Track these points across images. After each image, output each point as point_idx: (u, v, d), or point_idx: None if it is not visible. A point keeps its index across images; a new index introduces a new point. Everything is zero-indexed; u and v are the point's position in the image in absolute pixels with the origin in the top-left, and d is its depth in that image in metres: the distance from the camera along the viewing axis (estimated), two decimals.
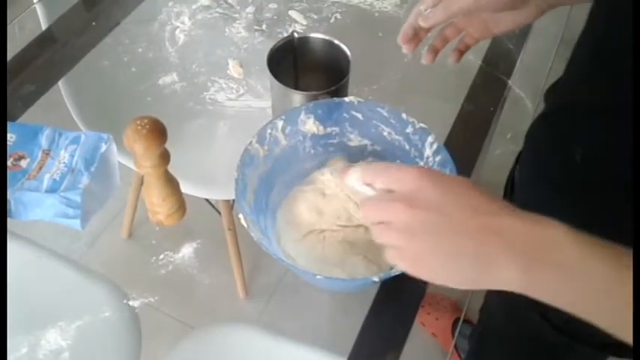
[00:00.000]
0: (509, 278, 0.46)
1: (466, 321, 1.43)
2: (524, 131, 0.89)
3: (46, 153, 0.77)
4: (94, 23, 1.08)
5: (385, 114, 0.77)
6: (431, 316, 1.45)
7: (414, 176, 0.49)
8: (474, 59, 1.03)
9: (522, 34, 1.06)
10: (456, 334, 1.36)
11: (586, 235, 0.45)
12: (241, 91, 1.07)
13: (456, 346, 1.38)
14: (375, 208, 0.52)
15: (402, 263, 0.50)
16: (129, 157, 0.90)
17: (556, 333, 0.75)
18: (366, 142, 0.80)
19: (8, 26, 1.12)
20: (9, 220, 0.75)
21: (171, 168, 0.73)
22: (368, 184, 0.54)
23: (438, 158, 0.74)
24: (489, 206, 0.48)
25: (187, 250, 0.88)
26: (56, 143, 0.78)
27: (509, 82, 0.99)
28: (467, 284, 0.48)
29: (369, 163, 0.54)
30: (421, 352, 0.69)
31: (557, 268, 0.45)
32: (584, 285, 0.45)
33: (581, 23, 0.65)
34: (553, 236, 0.45)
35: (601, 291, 0.44)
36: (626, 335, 0.44)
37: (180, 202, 0.76)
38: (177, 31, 1.14)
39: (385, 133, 0.78)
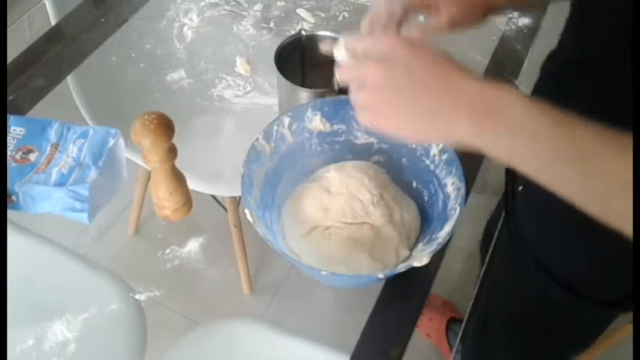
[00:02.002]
0: (462, 130, 0.51)
1: (458, 320, 1.44)
2: None
3: (55, 147, 0.78)
4: (102, 19, 1.09)
5: None
6: (424, 317, 1.45)
7: (389, 39, 0.55)
8: (481, 59, 1.03)
9: (530, 34, 1.06)
10: (459, 335, 1.36)
11: (538, 101, 0.49)
12: (248, 88, 1.08)
13: (451, 346, 1.39)
14: (350, 69, 0.58)
15: (367, 117, 0.56)
16: (136, 153, 0.90)
17: (560, 290, 0.76)
18: (372, 140, 0.81)
19: (17, 22, 1.13)
20: (17, 214, 0.76)
21: (178, 164, 0.73)
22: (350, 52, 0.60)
23: (444, 157, 0.74)
24: (454, 71, 0.53)
25: (193, 246, 0.88)
26: (64, 137, 0.79)
27: (517, 82, 0.99)
28: (421, 135, 0.55)
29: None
30: (415, 353, 0.70)
31: (506, 121, 0.49)
32: (533, 139, 0.48)
33: None
34: (505, 96, 0.50)
35: (549, 146, 0.48)
36: (581, 197, 0.47)
37: (186, 198, 0.77)
38: (185, 28, 1.15)
39: None
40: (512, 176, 0.84)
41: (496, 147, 0.50)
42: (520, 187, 0.80)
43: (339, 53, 0.62)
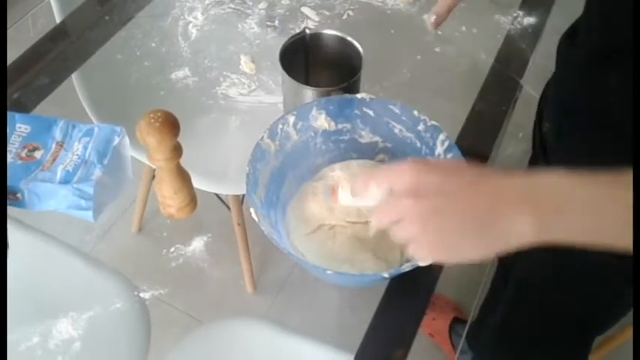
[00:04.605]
0: (522, 229, 0.48)
1: (462, 320, 1.43)
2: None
3: (60, 145, 0.78)
4: (107, 17, 1.09)
5: (397, 111, 0.77)
6: (428, 317, 1.45)
7: (409, 170, 0.52)
8: (486, 58, 1.03)
9: (535, 33, 1.06)
10: (463, 335, 1.36)
11: (578, 172, 0.48)
12: (253, 87, 1.08)
13: (454, 346, 1.39)
14: (384, 211, 0.54)
15: (422, 252, 0.53)
16: (141, 151, 0.90)
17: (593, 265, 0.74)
18: (377, 138, 0.81)
19: (22, 20, 1.14)
20: (22, 211, 0.76)
21: (182, 162, 0.73)
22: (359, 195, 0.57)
23: (449, 156, 0.74)
24: (483, 174, 0.51)
25: (197, 244, 0.89)
26: (70, 135, 0.79)
27: (521, 81, 0.99)
28: (486, 250, 0.50)
29: (352, 178, 0.58)
30: (419, 352, 0.70)
31: (560, 204, 0.47)
32: (599, 214, 0.47)
33: None
34: (549, 180, 0.48)
35: (605, 210, 0.47)
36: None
37: (191, 196, 0.77)
38: (190, 26, 1.15)
39: (396, 130, 0.79)
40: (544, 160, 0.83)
41: (565, 234, 0.48)
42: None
43: (346, 199, 0.59)
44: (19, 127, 0.79)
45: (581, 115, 0.76)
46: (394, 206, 0.53)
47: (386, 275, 0.66)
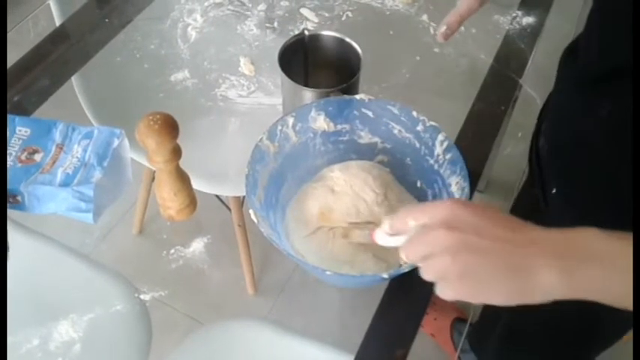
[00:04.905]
0: (551, 283, 0.47)
1: (463, 320, 1.43)
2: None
3: (60, 147, 0.78)
4: (107, 20, 1.09)
5: (396, 112, 0.78)
6: (429, 316, 1.45)
7: (447, 205, 0.51)
8: (485, 58, 1.03)
9: (534, 33, 1.06)
10: (464, 335, 1.36)
11: (613, 232, 0.47)
12: (252, 88, 1.08)
13: (455, 346, 1.38)
14: (415, 243, 0.52)
15: (448, 289, 0.50)
16: (140, 153, 0.91)
17: None
18: (376, 139, 0.81)
19: (22, 23, 1.14)
20: (22, 214, 0.76)
21: (182, 164, 0.74)
22: (397, 232, 0.55)
23: (448, 156, 0.74)
24: (520, 224, 0.50)
25: (198, 246, 0.89)
26: (69, 138, 0.79)
27: (520, 81, 0.99)
28: (512, 298, 0.49)
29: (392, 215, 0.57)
30: (420, 352, 0.70)
31: (593, 264, 0.47)
32: (621, 272, 0.46)
33: None
34: (584, 238, 0.48)
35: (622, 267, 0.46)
36: None
37: (191, 198, 0.77)
38: (189, 29, 1.15)
39: (395, 131, 0.79)
40: (540, 177, 0.83)
41: (584, 291, 0.48)
42: (554, 190, 0.80)
43: (383, 239, 0.56)
44: (19, 130, 0.80)
45: (569, 140, 0.76)
46: (425, 237, 0.51)
47: (386, 276, 0.66)
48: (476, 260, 0.49)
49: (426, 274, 0.51)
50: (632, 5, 0.56)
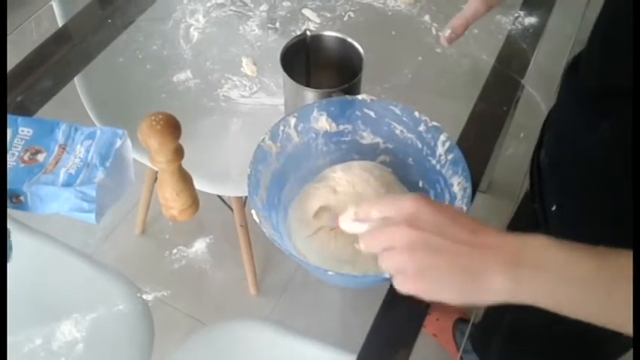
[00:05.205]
0: (501, 288, 0.49)
1: (466, 320, 1.43)
2: (537, 131, 0.89)
3: (63, 147, 0.78)
4: (109, 21, 1.09)
5: (398, 112, 0.78)
6: (431, 317, 1.45)
7: (412, 201, 0.52)
8: (487, 58, 1.03)
9: (536, 33, 1.06)
10: (466, 335, 1.36)
11: (568, 242, 0.49)
12: (254, 89, 1.08)
13: (458, 346, 1.38)
14: (376, 235, 0.54)
15: (405, 285, 0.52)
16: (143, 153, 0.91)
17: None
18: (378, 139, 0.81)
19: (24, 24, 1.14)
20: (25, 214, 0.76)
21: (184, 164, 0.74)
22: (362, 221, 0.56)
23: (450, 157, 0.74)
24: (480, 226, 0.51)
25: (200, 246, 0.89)
26: (72, 138, 0.79)
27: (523, 81, 0.99)
28: (464, 298, 0.51)
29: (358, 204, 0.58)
30: (422, 353, 0.70)
31: (541, 273, 0.48)
32: (566, 283, 0.47)
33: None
34: (538, 246, 0.49)
35: (587, 285, 0.47)
36: (620, 324, 0.46)
37: (193, 198, 0.77)
38: (191, 29, 1.15)
39: (397, 131, 0.79)
40: (539, 192, 0.83)
41: (531, 297, 0.49)
42: (554, 207, 0.80)
43: (347, 224, 0.58)
44: (21, 131, 0.80)
45: (570, 156, 0.76)
46: (386, 231, 0.52)
47: (388, 276, 0.66)
48: (433, 260, 0.50)
49: (384, 265, 0.53)
50: (632, 28, 0.57)
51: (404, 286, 0.52)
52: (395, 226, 0.52)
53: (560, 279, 0.48)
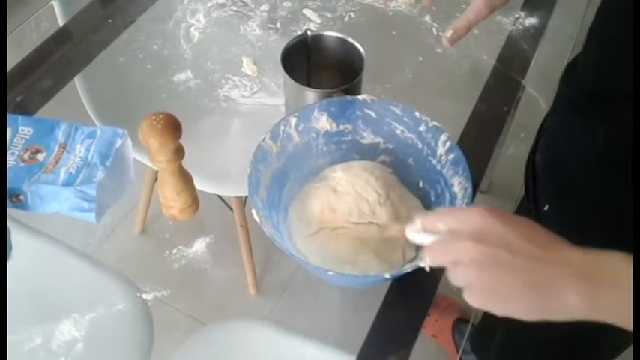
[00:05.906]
0: (576, 306, 0.47)
1: (465, 321, 1.43)
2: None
3: (63, 147, 0.78)
4: (109, 20, 1.09)
5: (398, 112, 0.78)
6: (430, 317, 1.45)
7: (480, 215, 0.51)
8: (487, 59, 1.03)
9: (537, 34, 1.06)
10: (465, 336, 1.36)
11: None
12: (255, 89, 1.08)
13: (457, 347, 1.38)
14: (443, 249, 0.52)
15: (474, 299, 0.51)
16: (143, 153, 0.91)
17: None
18: (378, 139, 0.81)
19: (25, 23, 1.14)
20: (25, 214, 0.76)
21: (184, 164, 0.74)
22: (428, 232, 0.55)
23: (450, 157, 0.74)
24: (552, 241, 0.50)
25: (200, 245, 0.89)
26: (72, 138, 0.79)
27: (523, 82, 0.99)
28: (535, 315, 0.50)
29: (426, 213, 0.56)
30: (421, 353, 0.70)
31: (620, 291, 0.46)
32: None
33: None
34: (613, 262, 0.47)
35: None
36: None
37: (193, 198, 0.77)
38: (192, 29, 1.15)
39: (398, 131, 0.79)
40: (534, 196, 0.83)
41: (607, 315, 0.48)
42: (546, 207, 0.79)
43: (413, 235, 0.57)
44: (22, 130, 0.80)
45: (564, 160, 0.75)
46: (452, 245, 0.51)
47: (388, 276, 0.66)
48: (502, 276, 0.49)
49: (452, 280, 0.51)
50: (631, 29, 0.56)
51: (474, 301, 0.51)
52: (462, 241, 0.50)
53: (629, 299, 0.46)
